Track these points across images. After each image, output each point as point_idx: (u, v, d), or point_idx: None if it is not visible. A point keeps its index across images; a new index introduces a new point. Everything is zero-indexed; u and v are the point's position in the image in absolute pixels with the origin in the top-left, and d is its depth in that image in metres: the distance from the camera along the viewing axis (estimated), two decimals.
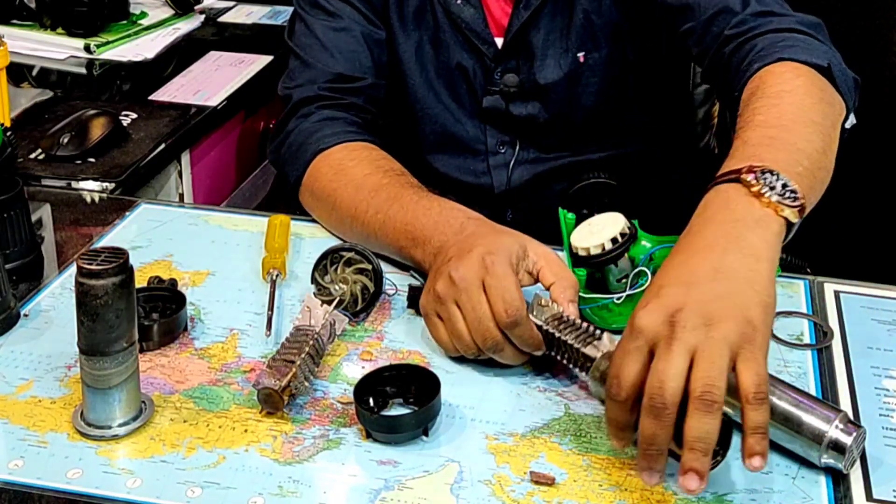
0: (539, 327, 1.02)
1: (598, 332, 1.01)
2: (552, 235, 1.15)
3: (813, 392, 1.03)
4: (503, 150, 1.45)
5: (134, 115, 1.64)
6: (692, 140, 1.68)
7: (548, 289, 1.05)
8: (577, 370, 1.02)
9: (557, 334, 1.01)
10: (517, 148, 1.45)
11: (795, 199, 0.96)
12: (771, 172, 0.97)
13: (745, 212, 0.95)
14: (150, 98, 1.72)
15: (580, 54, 1.39)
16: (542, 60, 1.39)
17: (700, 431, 0.83)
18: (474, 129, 1.45)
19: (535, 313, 1.03)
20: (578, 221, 1.12)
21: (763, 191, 0.96)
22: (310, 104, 1.36)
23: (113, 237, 1.30)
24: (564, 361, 1.02)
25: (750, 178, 0.97)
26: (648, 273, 1.08)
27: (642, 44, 1.41)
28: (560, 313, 1.03)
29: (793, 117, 1.07)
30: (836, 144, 1.11)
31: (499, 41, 1.41)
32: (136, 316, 0.97)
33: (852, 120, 1.20)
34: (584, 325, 1.02)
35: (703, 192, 1.00)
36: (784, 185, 0.96)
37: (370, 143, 1.31)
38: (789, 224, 0.97)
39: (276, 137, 1.38)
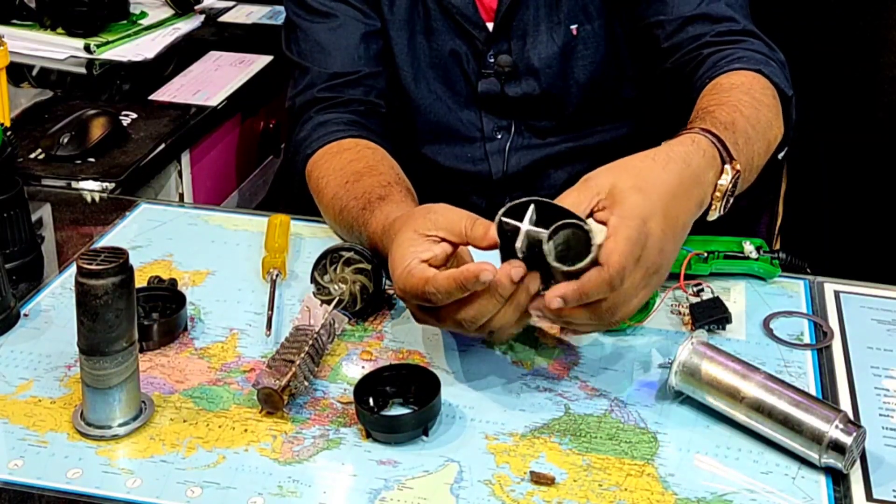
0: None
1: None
2: None
3: (813, 392, 1.03)
4: (499, 136, 1.46)
5: (134, 115, 1.64)
6: (683, 124, 1.68)
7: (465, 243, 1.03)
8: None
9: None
10: (513, 132, 1.46)
11: (727, 205, 1.10)
12: (737, 177, 1.09)
13: (704, 194, 1.06)
14: (149, 98, 1.72)
15: (573, 27, 1.41)
16: (535, 37, 1.41)
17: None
18: (469, 116, 1.46)
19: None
20: None
21: (727, 192, 1.08)
22: (309, 110, 1.38)
23: (113, 237, 1.30)
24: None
25: (730, 172, 1.08)
26: None
27: (630, 18, 1.42)
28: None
29: (762, 129, 1.19)
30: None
31: (490, 26, 1.42)
32: (136, 316, 0.97)
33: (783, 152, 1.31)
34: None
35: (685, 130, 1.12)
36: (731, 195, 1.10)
37: (357, 137, 1.32)
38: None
39: (287, 150, 1.40)
